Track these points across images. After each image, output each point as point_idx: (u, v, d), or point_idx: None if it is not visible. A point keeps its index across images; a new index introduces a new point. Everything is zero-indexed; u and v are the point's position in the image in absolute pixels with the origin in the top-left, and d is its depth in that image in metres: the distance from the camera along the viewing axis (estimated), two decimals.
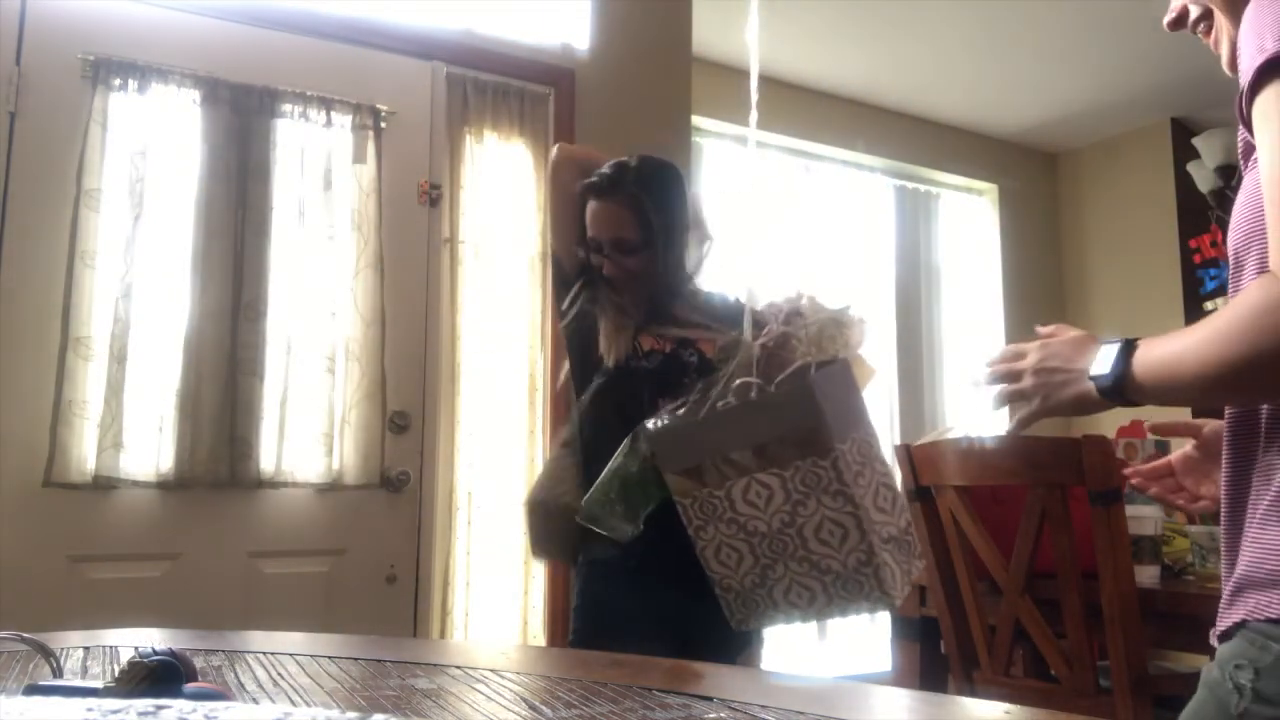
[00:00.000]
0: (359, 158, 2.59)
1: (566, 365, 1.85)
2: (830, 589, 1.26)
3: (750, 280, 1.70)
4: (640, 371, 1.71)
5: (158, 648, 0.59)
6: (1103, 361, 1.00)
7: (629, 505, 1.43)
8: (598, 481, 1.44)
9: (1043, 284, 4.95)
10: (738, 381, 1.32)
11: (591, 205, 1.74)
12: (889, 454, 1.45)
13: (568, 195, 1.78)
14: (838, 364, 1.33)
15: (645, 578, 1.65)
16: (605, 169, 1.76)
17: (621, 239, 1.72)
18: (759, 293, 1.48)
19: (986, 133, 4.81)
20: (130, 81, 2.35)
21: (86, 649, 0.93)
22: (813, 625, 1.36)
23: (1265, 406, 0.89)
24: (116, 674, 0.58)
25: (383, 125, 2.64)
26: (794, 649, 3.97)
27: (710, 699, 0.72)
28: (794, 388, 1.28)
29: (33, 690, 0.61)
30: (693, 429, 1.31)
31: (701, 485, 1.28)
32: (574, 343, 1.80)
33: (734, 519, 1.27)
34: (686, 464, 1.29)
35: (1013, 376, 1.09)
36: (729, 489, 1.27)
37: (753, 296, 1.46)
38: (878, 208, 4.54)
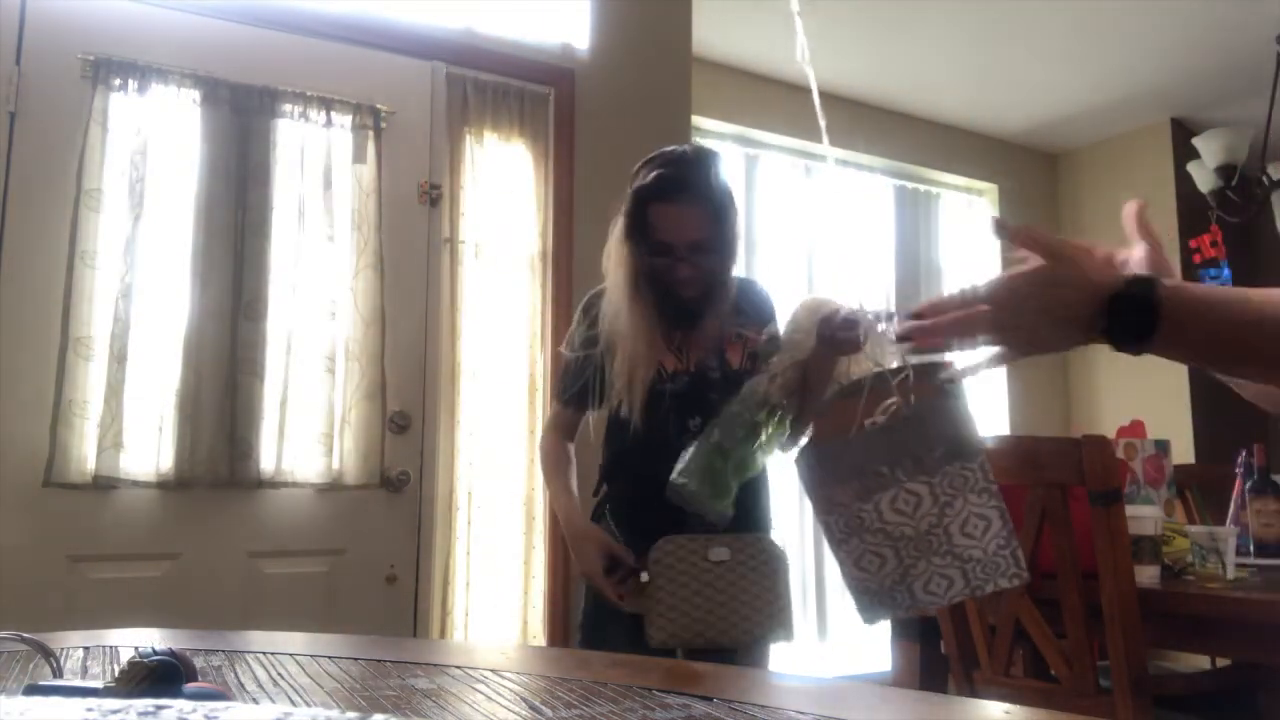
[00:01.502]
0: (359, 158, 2.59)
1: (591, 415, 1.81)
2: (970, 574, 1.32)
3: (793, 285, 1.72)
4: (666, 394, 1.66)
5: (158, 648, 0.59)
6: (1121, 301, 0.85)
7: (715, 482, 1.56)
8: (692, 458, 1.55)
9: None
10: (886, 401, 1.38)
11: (660, 209, 1.62)
12: None
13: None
14: (954, 369, 1.40)
15: None
16: (664, 167, 1.63)
17: (699, 240, 1.62)
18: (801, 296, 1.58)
19: (986, 133, 4.81)
20: (130, 81, 2.35)
21: (86, 649, 0.93)
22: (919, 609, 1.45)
23: None
24: (116, 674, 0.58)
25: (383, 125, 2.64)
26: (794, 649, 3.96)
27: (710, 699, 0.72)
28: (942, 400, 1.34)
29: (33, 690, 0.61)
30: (842, 449, 1.36)
31: (852, 500, 1.33)
32: (585, 371, 1.74)
33: (881, 529, 1.32)
34: (841, 481, 1.34)
35: (970, 322, 0.94)
36: (877, 502, 1.32)
37: (817, 303, 1.53)
38: (878, 208, 4.54)
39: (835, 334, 1.45)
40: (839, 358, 1.50)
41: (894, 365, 1.40)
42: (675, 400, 1.66)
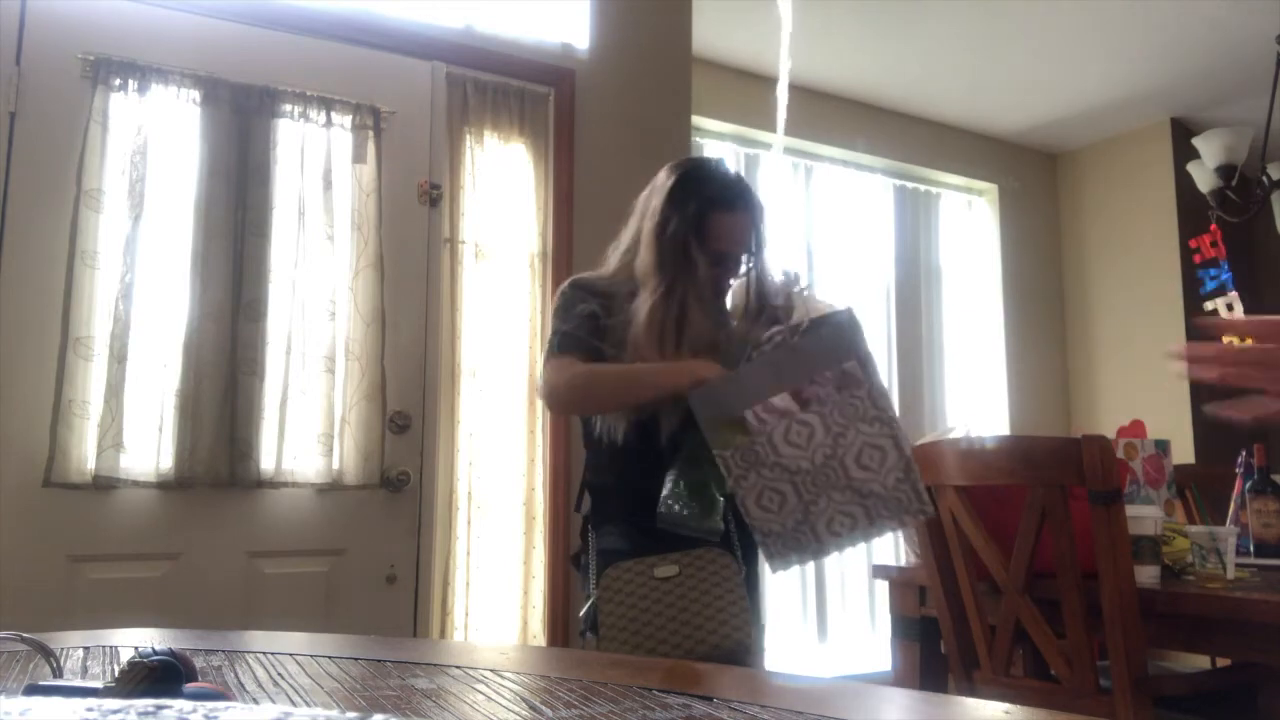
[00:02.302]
0: (359, 158, 2.59)
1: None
2: (872, 510, 1.36)
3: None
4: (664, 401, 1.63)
5: (158, 648, 0.59)
6: None
7: (702, 499, 1.53)
8: (671, 482, 1.52)
9: (1042, 284, 4.95)
10: (770, 331, 1.41)
11: (722, 219, 1.66)
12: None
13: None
14: (847, 310, 1.46)
15: None
16: (720, 177, 1.70)
17: (744, 249, 1.70)
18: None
19: (986, 133, 4.81)
20: (130, 81, 2.35)
21: (86, 649, 0.93)
22: (847, 551, 1.46)
23: None
24: (116, 674, 0.58)
25: (383, 125, 2.64)
26: (794, 649, 3.96)
27: (710, 699, 0.72)
28: (827, 329, 1.40)
29: (33, 690, 0.61)
30: (731, 382, 1.39)
31: (744, 434, 1.35)
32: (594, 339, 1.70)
33: (777, 462, 1.35)
34: (729, 416, 1.36)
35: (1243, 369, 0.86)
36: (770, 434, 1.35)
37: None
38: (878, 208, 4.54)
39: (767, 304, 1.53)
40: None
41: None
42: (670, 405, 1.62)
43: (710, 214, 1.66)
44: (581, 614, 1.62)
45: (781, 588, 3.98)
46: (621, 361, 1.62)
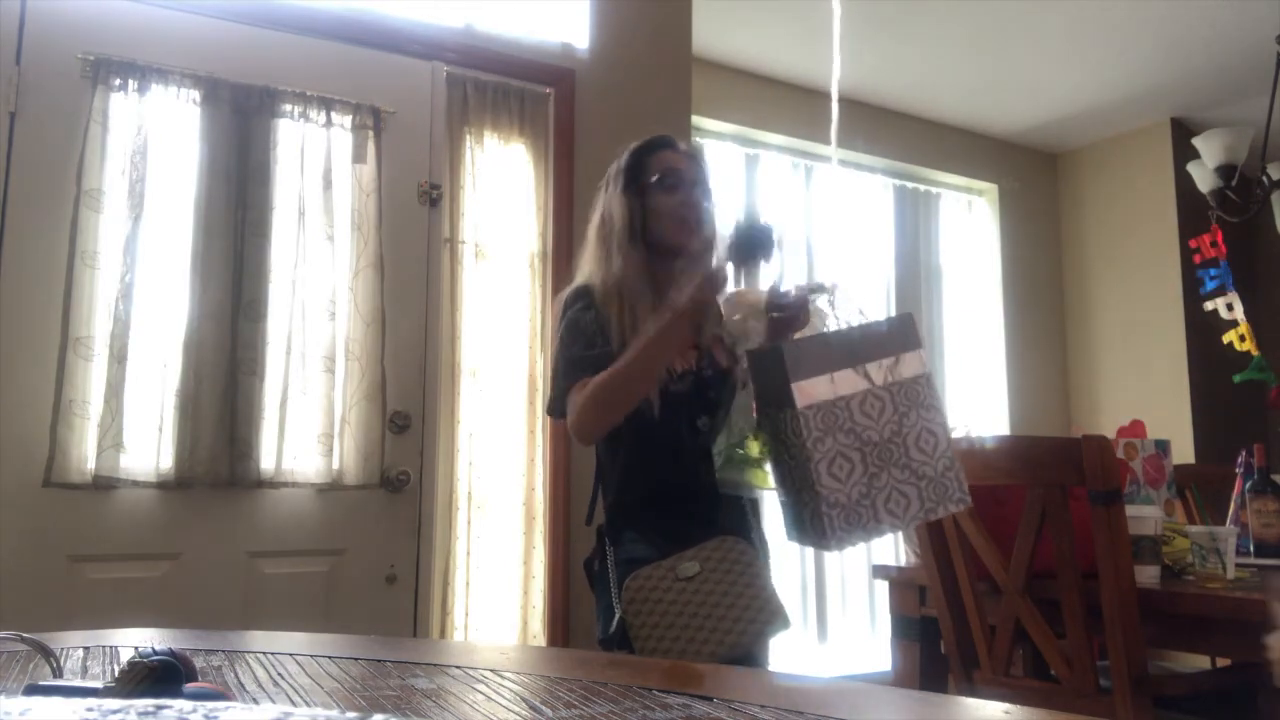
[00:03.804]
0: (359, 158, 2.59)
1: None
2: (924, 493, 1.43)
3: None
4: (676, 395, 1.61)
5: (158, 648, 0.59)
6: None
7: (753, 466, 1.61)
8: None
9: (1043, 284, 4.95)
10: (849, 315, 1.53)
11: (661, 154, 1.70)
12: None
13: None
14: (908, 313, 1.57)
15: None
16: (652, 137, 1.73)
17: (702, 184, 1.72)
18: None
19: (986, 133, 4.81)
20: (130, 81, 2.35)
21: (86, 649, 0.93)
22: (898, 535, 1.57)
23: None
24: (116, 674, 0.58)
25: (383, 125, 2.64)
26: (794, 649, 3.96)
27: (710, 699, 0.72)
28: (899, 319, 1.51)
29: (33, 690, 0.61)
30: (820, 344, 1.47)
31: (828, 398, 1.43)
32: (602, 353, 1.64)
33: (852, 428, 1.42)
34: (816, 373, 1.43)
35: None
36: (848, 400, 1.43)
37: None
38: (877, 208, 4.54)
39: (790, 310, 1.53)
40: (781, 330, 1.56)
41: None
42: (685, 400, 1.62)
43: (647, 156, 1.69)
44: (608, 632, 1.56)
45: (782, 588, 3.98)
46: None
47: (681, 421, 1.62)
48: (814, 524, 1.41)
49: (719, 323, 1.69)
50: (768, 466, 1.56)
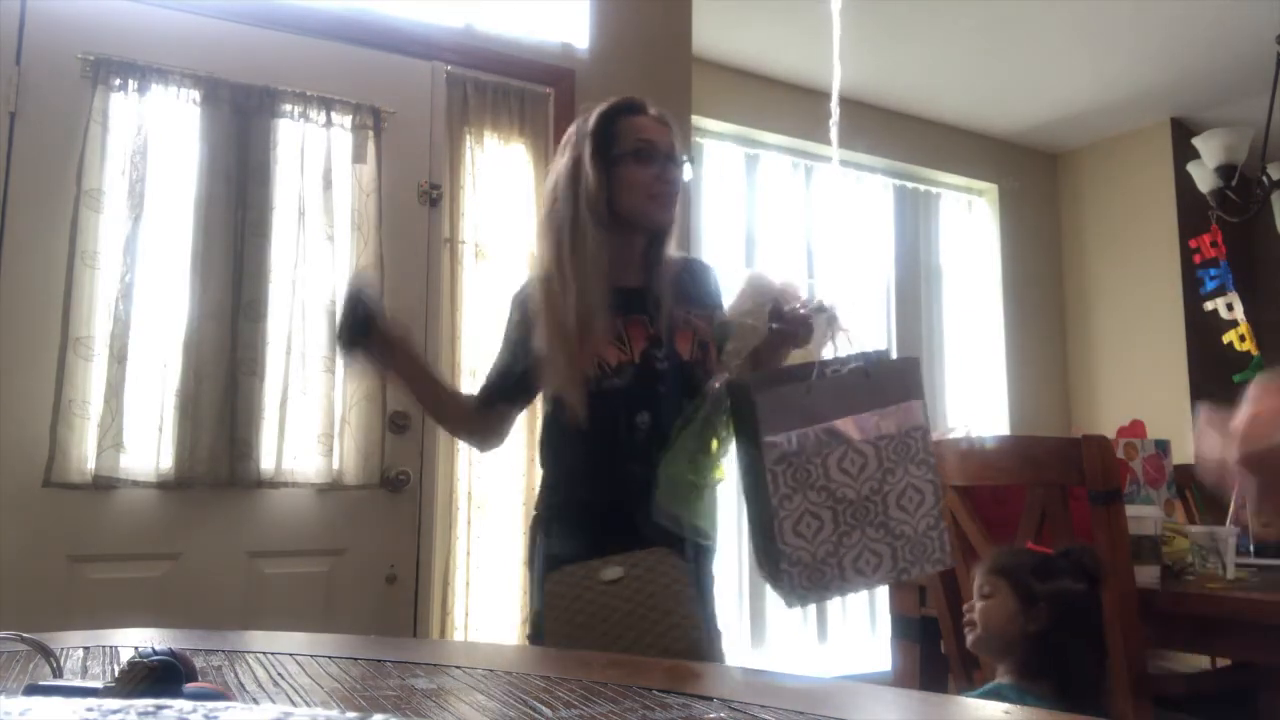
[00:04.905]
0: (359, 158, 2.59)
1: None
2: (899, 553, 1.35)
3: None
4: (611, 392, 1.50)
5: (158, 648, 0.59)
6: None
7: (694, 499, 1.47)
8: (666, 477, 1.43)
9: (1043, 284, 4.95)
10: (847, 355, 1.42)
11: (633, 119, 1.63)
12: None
13: None
14: (915, 358, 1.46)
15: None
16: (657, 117, 1.66)
17: (674, 153, 1.65)
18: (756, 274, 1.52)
19: (986, 133, 4.81)
20: (130, 81, 2.35)
21: (86, 649, 0.93)
22: (862, 594, 1.45)
23: None
24: (116, 674, 0.58)
25: (383, 125, 2.63)
26: (794, 649, 3.96)
27: (710, 699, 0.72)
28: (902, 364, 1.39)
29: (33, 690, 0.61)
30: (800, 395, 1.36)
31: (802, 453, 1.33)
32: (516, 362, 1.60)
33: (825, 485, 1.32)
34: (790, 428, 1.33)
35: None
36: (825, 457, 1.32)
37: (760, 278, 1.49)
38: (878, 208, 4.54)
39: (793, 326, 1.43)
40: (786, 347, 1.48)
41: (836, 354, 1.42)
42: (621, 396, 1.50)
43: (620, 118, 1.59)
44: (529, 621, 1.53)
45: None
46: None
47: (619, 417, 1.50)
48: (773, 575, 1.35)
49: (703, 308, 1.60)
50: (709, 496, 1.47)
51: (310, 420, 2.45)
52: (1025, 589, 1.56)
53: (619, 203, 1.55)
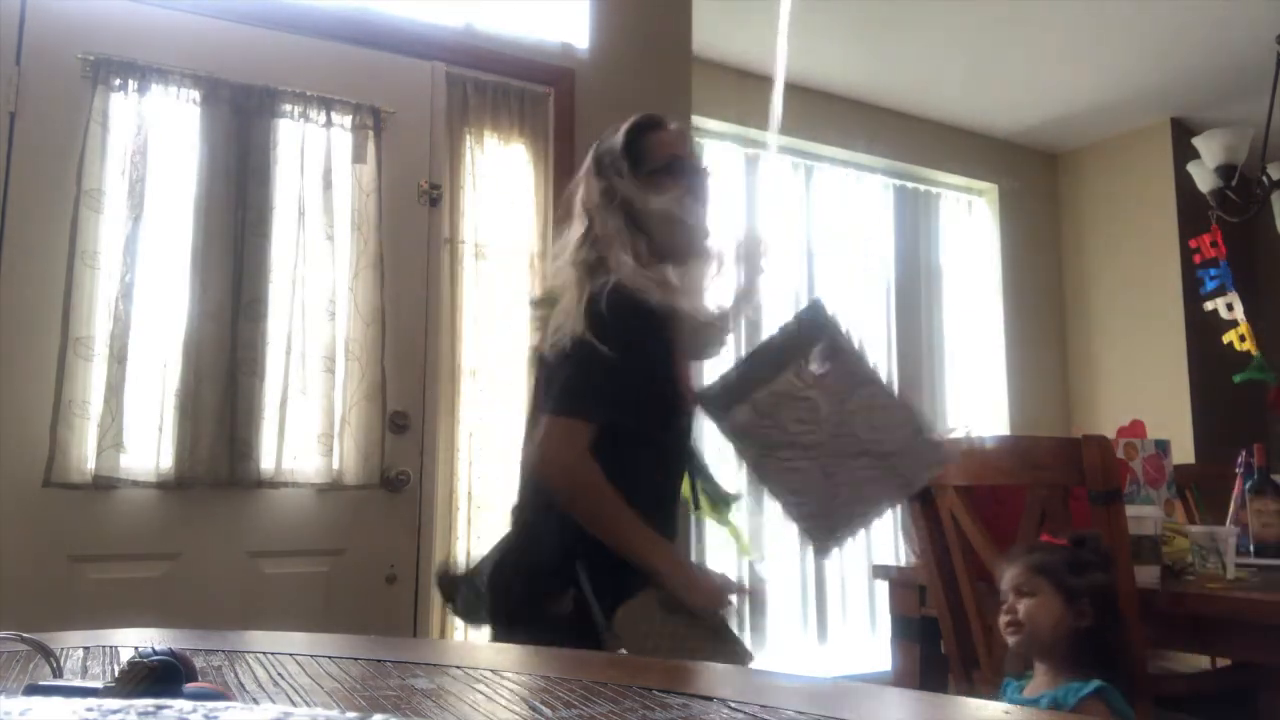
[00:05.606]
0: (359, 158, 2.59)
1: None
2: (899, 467, 1.39)
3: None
4: (680, 429, 1.55)
5: (158, 648, 0.59)
6: None
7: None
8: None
9: (1042, 284, 4.95)
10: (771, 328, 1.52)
11: (657, 135, 1.62)
12: None
13: None
14: (814, 301, 1.55)
15: None
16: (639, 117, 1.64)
17: (692, 158, 1.68)
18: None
19: (986, 133, 4.81)
20: (130, 81, 2.35)
21: (86, 649, 0.93)
22: (885, 518, 1.56)
23: None
24: (116, 674, 0.58)
25: (383, 125, 2.64)
26: (794, 649, 3.97)
27: (710, 699, 0.72)
28: (807, 311, 1.47)
29: (33, 690, 0.61)
30: (733, 376, 1.44)
31: (756, 421, 1.40)
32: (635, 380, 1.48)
33: (789, 441, 1.38)
34: (740, 401, 1.41)
35: None
36: (776, 417, 1.39)
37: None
38: (877, 208, 4.54)
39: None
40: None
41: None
42: (685, 435, 1.56)
43: (644, 135, 1.60)
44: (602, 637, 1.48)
45: (781, 588, 3.98)
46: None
47: (680, 456, 1.58)
48: (802, 538, 1.42)
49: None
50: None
51: (310, 420, 2.45)
52: (1065, 586, 1.54)
53: (648, 226, 1.56)
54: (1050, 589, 1.55)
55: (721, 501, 1.59)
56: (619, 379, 1.43)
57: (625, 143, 1.58)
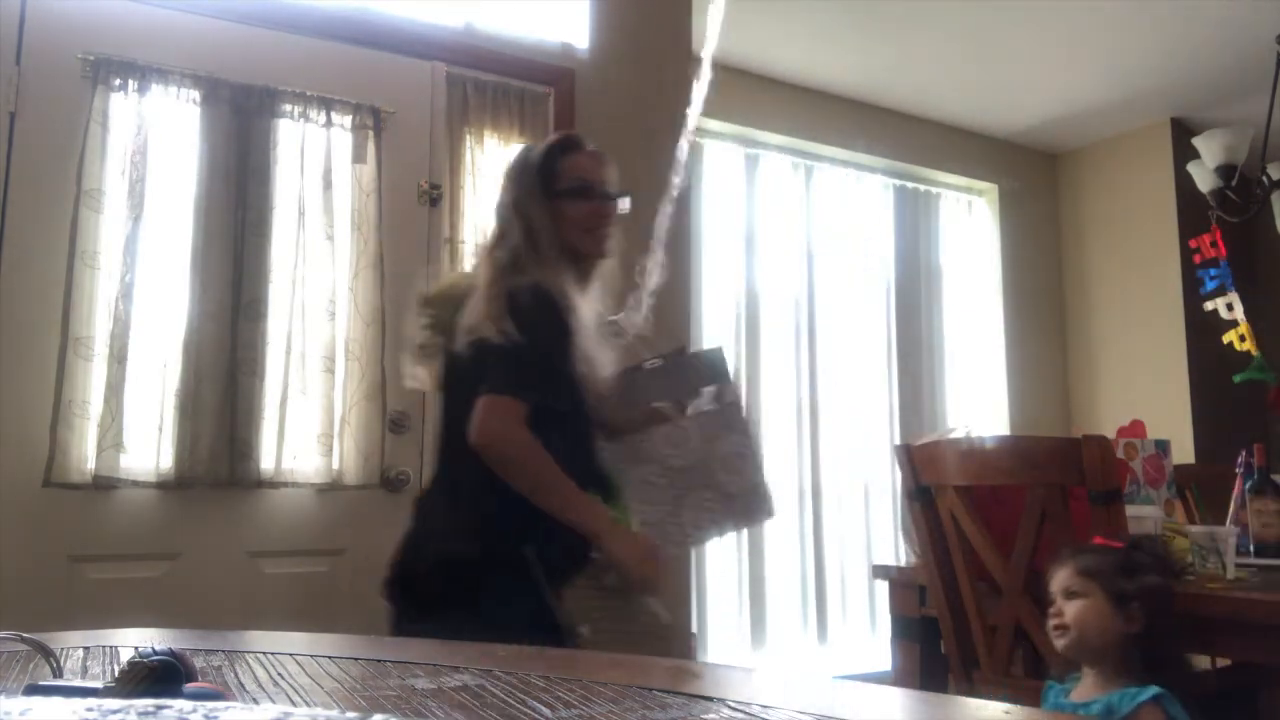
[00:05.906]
0: (359, 158, 2.59)
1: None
2: (735, 507, 1.61)
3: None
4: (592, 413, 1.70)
5: (158, 648, 0.59)
6: None
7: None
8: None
9: (1042, 284, 4.95)
10: (666, 352, 1.78)
11: (573, 158, 1.76)
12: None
13: None
14: (719, 348, 1.78)
15: None
16: (560, 137, 1.83)
17: (608, 184, 1.80)
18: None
19: (986, 133, 4.81)
20: (130, 81, 2.35)
21: (86, 649, 0.93)
22: (714, 542, 1.76)
23: None
24: (116, 674, 0.58)
25: (383, 125, 2.63)
26: (794, 649, 3.97)
27: (710, 699, 0.72)
28: (711, 354, 1.71)
29: (33, 690, 0.61)
30: (630, 386, 1.63)
31: (634, 433, 1.61)
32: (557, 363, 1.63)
33: (656, 458, 1.59)
34: (628, 413, 1.63)
35: None
36: (652, 434, 1.60)
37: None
38: (877, 208, 4.54)
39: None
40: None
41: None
42: (588, 420, 1.68)
43: (561, 158, 1.73)
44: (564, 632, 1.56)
45: (780, 588, 3.98)
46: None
47: (592, 440, 1.67)
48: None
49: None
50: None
51: (310, 420, 2.45)
52: (1116, 589, 1.52)
53: (562, 235, 1.69)
54: (1100, 592, 1.52)
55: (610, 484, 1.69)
56: (543, 364, 1.58)
57: (541, 162, 1.72)
